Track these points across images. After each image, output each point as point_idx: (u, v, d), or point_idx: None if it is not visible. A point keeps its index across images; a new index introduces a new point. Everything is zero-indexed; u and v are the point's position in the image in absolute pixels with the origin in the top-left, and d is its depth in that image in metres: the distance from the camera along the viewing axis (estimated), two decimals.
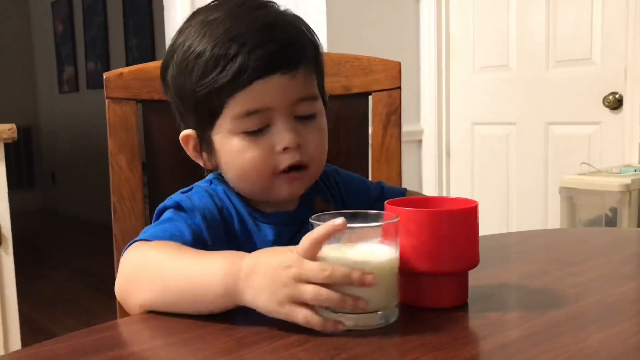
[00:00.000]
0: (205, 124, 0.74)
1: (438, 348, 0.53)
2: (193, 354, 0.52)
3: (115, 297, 0.77)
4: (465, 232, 0.62)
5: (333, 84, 1.04)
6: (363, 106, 1.07)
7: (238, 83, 0.68)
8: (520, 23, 2.45)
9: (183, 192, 0.76)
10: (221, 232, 0.73)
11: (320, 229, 0.56)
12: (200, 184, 0.78)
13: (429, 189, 2.70)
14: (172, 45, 0.76)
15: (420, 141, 2.75)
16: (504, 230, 2.48)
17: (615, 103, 2.21)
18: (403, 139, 1.07)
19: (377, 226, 0.59)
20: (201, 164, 0.79)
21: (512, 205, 2.54)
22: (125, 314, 0.68)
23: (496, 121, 2.58)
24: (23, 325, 2.10)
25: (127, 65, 4.96)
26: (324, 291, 0.55)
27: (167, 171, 0.99)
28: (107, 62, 5.27)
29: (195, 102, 0.72)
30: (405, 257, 0.60)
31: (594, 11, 2.23)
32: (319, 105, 0.75)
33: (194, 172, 0.84)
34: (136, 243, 0.68)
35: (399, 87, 1.05)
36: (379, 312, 0.57)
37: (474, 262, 0.63)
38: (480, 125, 2.64)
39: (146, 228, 0.72)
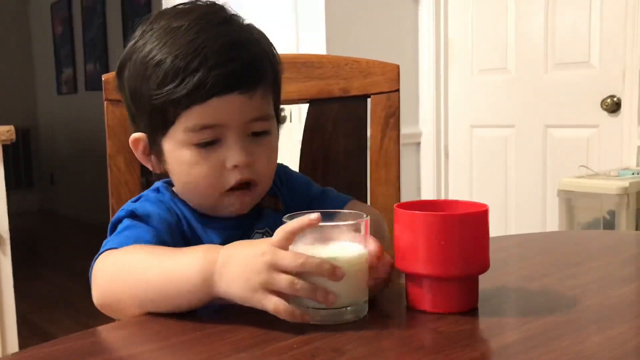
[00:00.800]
0: (157, 130, 0.74)
1: (437, 351, 0.53)
2: (190, 357, 0.52)
3: None
4: (477, 235, 0.61)
5: (332, 86, 1.04)
6: (362, 108, 1.07)
7: (195, 97, 0.69)
8: (518, 26, 2.45)
9: (134, 202, 0.76)
10: (177, 235, 0.74)
11: (295, 222, 0.57)
12: (148, 193, 0.78)
13: (428, 192, 2.71)
14: (132, 45, 0.75)
15: (418, 143, 2.75)
16: (502, 233, 2.48)
17: (613, 106, 2.22)
18: (402, 141, 1.07)
19: (348, 225, 0.60)
20: (149, 167, 0.80)
21: (510, 208, 2.54)
22: None
23: (495, 124, 2.58)
24: (21, 326, 2.09)
25: None
26: (297, 280, 0.56)
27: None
28: (106, 64, 5.27)
29: (150, 109, 0.72)
30: (415, 260, 0.60)
31: (592, 14, 2.23)
32: (273, 124, 0.77)
33: None
34: (104, 253, 0.68)
35: (398, 90, 1.05)
36: (348, 308, 0.59)
37: (484, 266, 0.62)
38: (479, 127, 2.64)
39: (105, 241, 0.71)
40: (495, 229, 2.55)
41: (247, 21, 0.78)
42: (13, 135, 1.98)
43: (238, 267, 0.58)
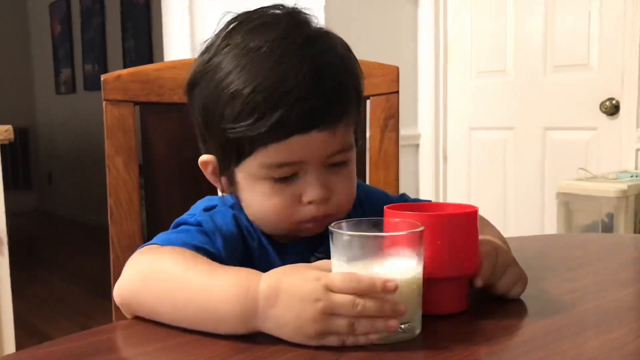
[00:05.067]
0: (229, 161, 0.69)
1: (435, 354, 0.52)
2: (189, 358, 0.52)
3: (111, 299, 0.76)
4: (467, 236, 0.61)
5: None
6: (361, 110, 1.06)
7: (275, 136, 0.64)
8: (518, 28, 2.45)
9: (206, 210, 0.72)
10: (239, 257, 0.70)
11: (367, 281, 0.53)
12: (227, 202, 0.74)
13: (426, 194, 2.70)
14: (207, 61, 0.69)
15: (417, 145, 2.75)
16: None
17: (612, 109, 2.22)
18: (400, 143, 1.07)
19: (401, 235, 0.57)
20: (219, 188, 0.75)
21: (509, 210, 2.54)
22: (121, 316, 0.68)
23: (493, 126, 2.58)
24: (18, 327, 2.09)
25: (125, 67, 4.96)
26: (359, 325, 0.53)
27: (164, 173, 0.99)
28: (104, 64, 5.26)
29: (223, 140, 0.68)
30: None
31: (591, 17, 2.24)
32: (353, 153, 0.72)
33: (191, 175, 0.83)
34: (146, 247, 0.66)
35: (397, 92, 1.05)
36: (404, 326, 0.56)
37: (475, 267, 0.62)
38: (478, 130, 2.64)
39: (161, 234, 0.68)
40: None
41: (328, 29, 0.71)
42: (11, 134, 1.97)
43: (288, 311, 0.54)
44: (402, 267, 0.56)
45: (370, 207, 0.80)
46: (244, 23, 0.69)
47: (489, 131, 2.60)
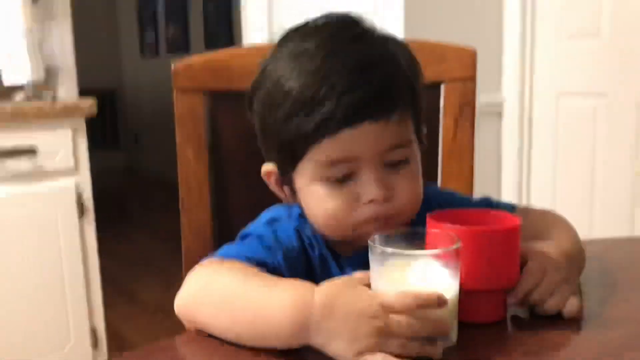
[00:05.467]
0: (287, 164, 0.71)
1: None
2: None
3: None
4: (505, 252, 0.61)
5: None
6: (434, 97, 1.02)
7: (324, 131, 0.64)
8: None
9: (269, 222, 0.72)
10: (300, 271, 0.70)
11: (423, 296, 0.54)
12: (293, 213, 0.74)
13: (509, 165, 2.59)
14: (262, 71, 0.71)
15: (499, 113, 2.62)
16: (586, 215, 2.35)
17: None
18: (482, 110, 1.01)
19: (438, 253, 0.58)
20: (282, 198, 0.76)
21: (596, 188, 2.39)
22: None
23: (584, 92, 2.42)
24: (106, 285, 2.20)
25: (205, 30, 5.03)
26: (410, 346, 0.54)
27: (233, 163, 1.00)
28: (185, 28, 5.36)
29: (278, 144, 0.69)
30: None
31: None
32: (414, 149, 0.70)
33: (260, 165, 0.82)
34: (208, 260, 0.67)
35: (474, 77, 0.99)
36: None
37: (511, 281, 0.62)
38: (567, 96, 2.48)
39: (224, 246, 0.70)
40: (579, 211, 2.40)
41: (383, 31, 0.71)
42: (94, 109, 2.10)
43: (343, 324, 0.54)
44: (440, 280, 0.56)
45: None
46: (296, 32, 0.71)
47: (579, 98, 2.44)
